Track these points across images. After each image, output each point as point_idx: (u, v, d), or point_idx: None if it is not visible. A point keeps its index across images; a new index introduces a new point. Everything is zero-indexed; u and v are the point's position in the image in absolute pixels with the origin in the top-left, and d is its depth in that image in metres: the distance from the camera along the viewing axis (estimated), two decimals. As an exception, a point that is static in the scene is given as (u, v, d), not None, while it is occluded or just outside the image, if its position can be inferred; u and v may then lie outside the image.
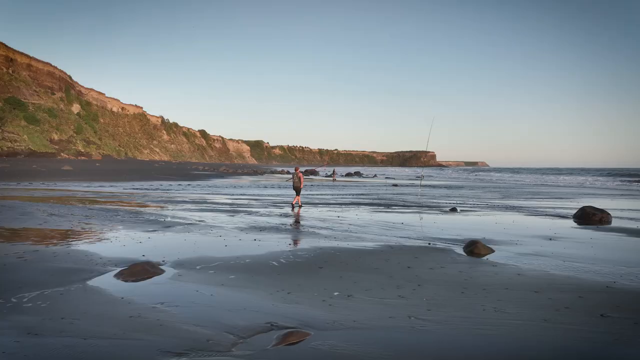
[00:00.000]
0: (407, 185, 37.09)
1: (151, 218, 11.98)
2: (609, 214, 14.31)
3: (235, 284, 5.87)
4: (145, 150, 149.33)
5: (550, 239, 10.05)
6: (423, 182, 43.78)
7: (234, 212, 13.85)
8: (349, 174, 75.92)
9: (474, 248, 8.49)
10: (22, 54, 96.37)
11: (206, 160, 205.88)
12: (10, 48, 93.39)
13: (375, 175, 73.22)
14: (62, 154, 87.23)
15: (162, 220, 11.65)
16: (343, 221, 12.33)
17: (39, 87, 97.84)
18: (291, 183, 16.87)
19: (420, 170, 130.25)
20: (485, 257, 8.01)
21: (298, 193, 16.30)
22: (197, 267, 6.65)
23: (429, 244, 9.19)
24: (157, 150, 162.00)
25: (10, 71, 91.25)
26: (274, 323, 4.44)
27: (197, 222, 11.36)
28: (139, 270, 6.20)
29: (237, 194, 22.15)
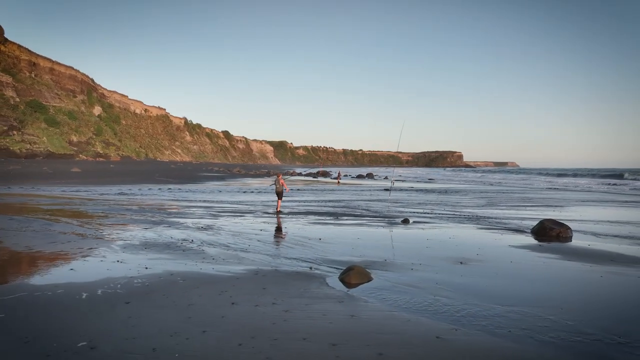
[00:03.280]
0: (402, 190, 35.71)
1: (62, 230, 11.39)
2: (568, 228, 12.90)
3: (-11, 326, 5.07)
4: (167, 151, 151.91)
5: (461, 263, 8.87)
6: (420, 186, 42.39)
7: (157, 224, 13.16)
8: (360, 176, 74.81)
9: (346, 276, 7.47)
10: (45, 58, 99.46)
11: (229, 161, 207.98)
12: (33, 52, 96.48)
13: (386, 177, 71.78)
14: (80, 155, 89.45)
15: (65, 233, 11.02)
16: (256, 236, 11.42)
17: (60, 90, 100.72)
18: (274, 188, 18.21)
19: (452, 171, 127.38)
20: (352, 288, 6.98)
21: (280, 198, 17.33)
22: (-14, 301, 5.90)
23: (310, 268, 8.20)
24: (179, 151, 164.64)
25: (33, 75, 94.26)
26: None
27: (95, 237, 10.68)
28: None
29: (200, 200, 21.51)
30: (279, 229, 12.81)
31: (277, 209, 17.30)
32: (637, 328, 5.45)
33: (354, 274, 7.44)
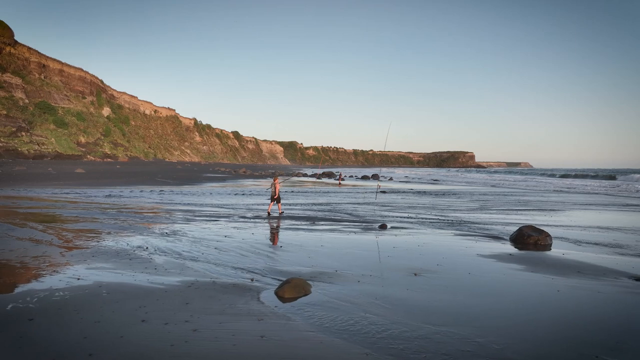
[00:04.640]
0: (399, 192, 35.17)
1: (20, 236, 11.18)
2: (547, 235, 12.36)
3: None
4: (176, 152, 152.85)
5: (415, 274, 8.42)
6: (420, 187, 41.84)
7: (124, 229, 12.92)
8: (364, 177, 74.45)
9: (280, 290, 7.08)
10: (54, 59, 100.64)
11: (238, 162, 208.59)
12: (43, 54, 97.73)
13: (391, 178, 71.36)
14: (88, 156, 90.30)
15: (21, 239, 10.81)
16: (216, 243, 11.08)
17: (70, 92, 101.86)
18: (271, 191, 18.89)
19: (455, 171, 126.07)
20: (284, 303, 6.60)
21: (277, 201, 17.30)
22: None
23: (252, 279, 7.83)
24: (188, 151, 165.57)
25: (43, 77, 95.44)
26: None
27: (49, 244, 10.44)
28: None
29: (185, 203, 21.28)
30: (244, 236, 12.45)
31: (279, 211, 17.38)
32: (570, 351, 4.97)
33: (289, 288, 7.05)
